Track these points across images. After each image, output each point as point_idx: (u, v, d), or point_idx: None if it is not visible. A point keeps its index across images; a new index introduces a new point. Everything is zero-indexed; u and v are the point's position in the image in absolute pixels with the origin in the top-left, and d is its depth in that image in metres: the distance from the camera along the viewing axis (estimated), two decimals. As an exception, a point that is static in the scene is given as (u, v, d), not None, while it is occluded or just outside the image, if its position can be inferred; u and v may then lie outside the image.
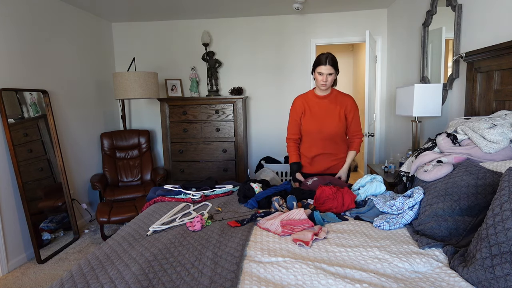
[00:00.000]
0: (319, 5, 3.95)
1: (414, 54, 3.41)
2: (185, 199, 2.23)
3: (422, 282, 1.18)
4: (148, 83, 3.82)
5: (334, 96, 2.38)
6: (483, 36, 2.25)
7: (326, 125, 2.35)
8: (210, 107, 4.12)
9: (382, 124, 4.46)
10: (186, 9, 4.01)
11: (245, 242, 1.50)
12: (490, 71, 2.08)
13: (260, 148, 4.67)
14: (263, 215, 1.84)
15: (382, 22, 4.27)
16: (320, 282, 1.18)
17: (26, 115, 3.05)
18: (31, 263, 2.92)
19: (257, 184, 2.24)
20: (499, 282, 1.06)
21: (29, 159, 3.01)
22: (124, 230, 1.79)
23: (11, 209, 2.84)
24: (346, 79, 6.69)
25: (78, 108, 3.81)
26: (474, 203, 1.47)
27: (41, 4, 3.27)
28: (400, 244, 1.46)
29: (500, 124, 1.70)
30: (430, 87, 2.53)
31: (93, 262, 1.41)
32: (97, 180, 3.70)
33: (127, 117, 4.69)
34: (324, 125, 2.35)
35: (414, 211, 1.67)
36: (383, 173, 3.06)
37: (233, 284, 1.17)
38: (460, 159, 1.74)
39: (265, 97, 4.56)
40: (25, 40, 3.06)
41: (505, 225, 1.12)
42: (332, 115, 2.35)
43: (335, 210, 1.90)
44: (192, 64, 4.53)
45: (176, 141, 4.19)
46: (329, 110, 2.36)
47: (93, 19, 4.14)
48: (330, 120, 2.35)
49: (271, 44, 4.45)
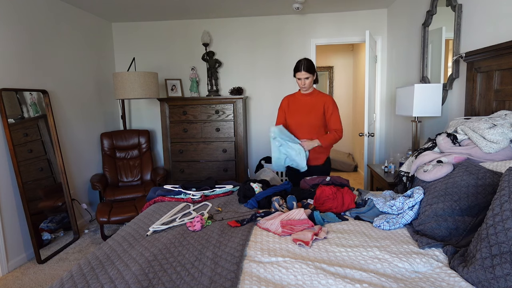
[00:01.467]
0: (319, 5, 3.95)
1: (414, 54, 3.41)
2: (185, 199, 2.23)
3: (422, 282, 1.18)
4: (148, 83, 3.82)
5: (316, 95, 2.69)
6: (483, 36, 2.25)
7: (306, 118, 2.64)
8: (210, 107, 4.12)
9: (382, 124, 4.46)
10: (186, 9, 4.01)
11: (245, 242, 1.50)
12: (490, 71, 2.08)
13: (260, 148, 4.67)
14: (263, 215, 1.84)
15: (382, 22, 4.27)
16: (320, 282, 1.18)
17: (26, 115, 3.05)
18: (31, 263, 2.92)
19: (257, 184, 2.24)
20: (499, 282, 1.06)
21: (29, 159, 3.01)
22: (124, 230, 1.79)
23: (11, 209, 2.84)
24: (346, 79, 6.69)
25: (78, 108, 3.81)
26: (474, 203, 1.47)
27: (41, 4, 3.27)
28: (400, 244, 1.46)
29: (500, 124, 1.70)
30: (430, 87, 2.53)
31: (93, 262, 1.41)
32: (97, 180, 3.70)
33: (127, 117, 4.69)
34: (304, 118, 2.64)
35: (414, 211, 1.67)
36: (383, 173, 3.06)
37: (233, 284, 1.17)
38: (460, 159, 1.74)
39: (265, 97, 4.56)
40: (25, 40, 3.06)
41: (505, 225, 1.12)
42: (311, 110, 2.64)
43: (335, 210, 1.90)
44: (192, 64, 4.54)
45: (176, 141, 4.19)
46: (309, 105, 2.66)
47: (93, 19, 4.14)
48: (310, 114, 2.64)
49: (271, 44, 4.45)
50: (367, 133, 3.79)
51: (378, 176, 3.04)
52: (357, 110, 6.23)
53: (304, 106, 2.67)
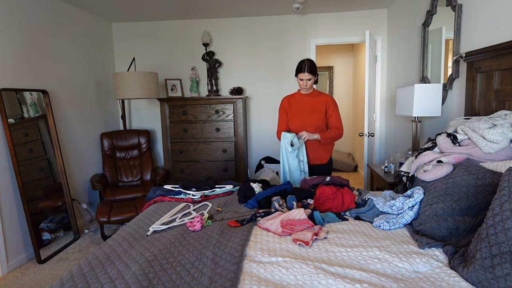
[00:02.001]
0: (319, 5, 3.95)
1: (414, 54, 3.41)
2: (185, 199, 2.23)
3: (422, 282, 1.18)
4: (148, 83, 3.82)
5: (316, 95, 2.71)
6: (483, 36, 2.25)
7: (308, 119, 2.64)
8: (210, 107, 4.12)
9: (382, 124, 4.46)
10: (186, 9, 4.01)
11: (245, 242, 1.50)
12: (490, 71, 2.08)
13: (260, 148, 4.67)
14: (263, 215, 1.84)
15: (382, 22, 4.27)
16: (320, 282, 1.18)
17: (26, 115, 3.05)
18: (31, 263, 2.92)
19: (257, 184, 2.24)
20: (499, 282, 1.06)
21: (29, 159, 3.01)
22: (124, 230, 1.79)
23: (11, 209, 2.84)
24: (346, 79, 6.70)
25: (78, 108, 3.81)
26: (474, 203, 1.47)
27: (41, 4, 3.27)
28: (400, 244, 1.46)
29: (500, 124, 1.70)
30: (430, 87, 2.53)
31: (93, 262, 1.41)
32: (97, 180, 3.70)
33: (127, 117, 4.69)
34: (308, 119, 2.64)
35: (414, 211, 1.67)
36: (383, 173, 3.06)
37: (233, 284, 1.17)
38: (460, 159, 1.74)
39: (265, 97, 4.56)
40: (25, 40, 3.06)
41: (505, 225, 1.12)
42: (314, 110, 2.65)
43: (335, 210, 1.90)
44: (192, 64, 4.54)
45: (176, 141, 4.19)
46: (311, 105, 2.67)
47: (93, 19, 4.14)
48: (312, 114, 2.65)
49: (271, 44, 4.45)
50: (367, 133, 3.79)
51: (378, 176, 3.04)
52: (357, 110, 6.22)
53: (305, 107, 2.68)
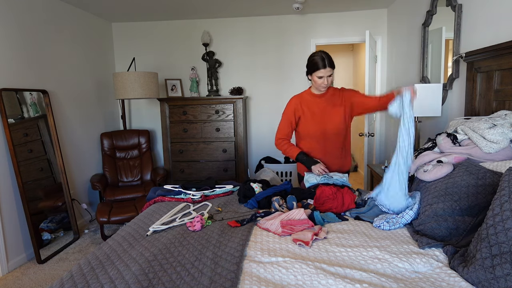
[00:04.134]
0: (319, 5, 3.95)
1: (414, 54, 3.41)
2: (185, 199, 2.23)
3: (422, 282, 1.18)
4: (148, 83, 3.82)
5: (331, 92, 2.23)
6: (483, 36, 2.25)
7: (328, 123, 2.21)
8: (210, 107, 4.12)
9: (382, 124, 4.46)
10: (186, 9, 4.01)
11: (245, 242, 1.49)
12: (490, 71, 2.08)
13: (260, 148, 4.67)
14: (263, 215, 1.84)
15: (382, 22, 4.27)
16: (320, 282, 1.18)
17: (26, 115, 3.05)
18: (31, 263, 2.92)
19: (257, 184, 2.24)
20: (499, 282, 1.06)
21: (29, 159, 3.01)
22: (124, 230, 1.79)
23: (11, 209, 2.84)
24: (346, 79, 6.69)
25: (78, 108, 3.81)
26: (474, 203, 1.47)
27: (41, 4, 3.27)
28: (400, 244, 1.46)
29: (500, 124, 1.70)
30: (430, 87, 2.53)
31: (93, 262, 1.41)
32: (97, 180, 3.70)
33: (127, 117, 4.69)
34: (326, 124, 2.21)
35: (414, 211, 1.67)
36: (383, 173, 3.05)
37: (233, 284, 1.17)
38: (460, 159, 1.74)
39: (265, 97, 4.56)
40: (25, 40, 3.06)
41: (505, 225, 1.12)
42: (332, 112, 2.21)
43: (335, 210, 1.90)
44: (192, 64, 4.53)
45: (176, 141, 4.19)
46: (328, 107, 2.21)
47: (93, 19, 4.14)
48: (332, 117, 2.21)
49: (271, 44, 4.45)
50: (367, 133, 3.79)
51: (378, 176, 3.04)
52: (357, 110, 6.21)
53: (322, 109, 2.21)
